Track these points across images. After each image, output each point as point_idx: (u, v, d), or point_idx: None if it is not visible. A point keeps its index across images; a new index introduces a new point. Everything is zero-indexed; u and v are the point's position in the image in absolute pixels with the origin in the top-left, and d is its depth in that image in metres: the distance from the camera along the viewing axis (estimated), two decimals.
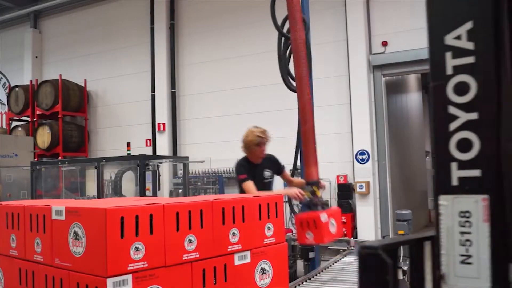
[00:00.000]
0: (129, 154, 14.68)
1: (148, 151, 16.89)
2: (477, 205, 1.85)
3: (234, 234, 3.55)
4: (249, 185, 6.91)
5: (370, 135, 13.53)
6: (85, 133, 18.89)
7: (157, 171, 13.74)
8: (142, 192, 11.41)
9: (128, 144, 15.01)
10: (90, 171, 14.13)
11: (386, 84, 14.33)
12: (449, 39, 1.92)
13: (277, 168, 7.50)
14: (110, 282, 2.86)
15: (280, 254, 3.91)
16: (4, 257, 3.80)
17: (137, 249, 2.91)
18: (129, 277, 2.94)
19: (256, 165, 7.25)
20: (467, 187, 1.87)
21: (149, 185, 12.61)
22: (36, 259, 3.43)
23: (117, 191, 13.20)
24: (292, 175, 7.89)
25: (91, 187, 13.56)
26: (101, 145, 18.94)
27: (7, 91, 20.49)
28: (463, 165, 1.88)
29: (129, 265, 2.94)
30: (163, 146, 16.99)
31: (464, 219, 1.89)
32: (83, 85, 18.77)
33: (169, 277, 3.11)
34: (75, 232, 3.07)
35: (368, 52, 13.78)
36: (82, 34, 19.24)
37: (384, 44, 13.74)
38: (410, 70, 14.27)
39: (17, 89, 18.98)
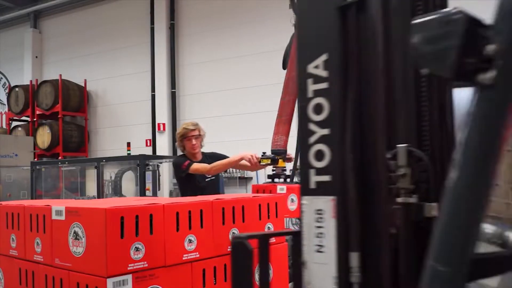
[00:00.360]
0: (129, 154, 14.68)
1: (148, 151, 16.87)
2: (327, 204, 2.26)
3: (234, 234, 3.55)
4: (197, 165, 6.66)
5: None
6: (85, 133, 18.88)
7: (157, 171, 13.73)
8: (142, 192, 11.41)
9: (128, 144, 15.02)
10: (90, 171, 14.11)
11: None
12: (311, 68, 2.33)
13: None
14: (110, 282, 2.87)
15: (280, 254, 3.91)
16: (4, 257, 3.81)
17: (137, 249, 2.92)
18: (129, 277, 2.94)
19: (194, 162, 6.92)
20: (321, 189, 2.29)
21: (149, 185, 12.61)
22: (36, 259, 3.44)
23: (117, 191, 13.19)
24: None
25: (91, 187, 13.55)
26: (101, 145, 18.94)
27: (7, 91, 20.47)
28: (318, 171, 2.30)
29: (129, 265, 2.94)
30: (163, 146, 16.97)
31: (319, 216, 2.30)
32: (83, 85, 18.76)
33: (169, 277, 3.11)
34: (75, 232, 3.08)
35: None
36: (82, 34, 19.23)
37: None
38: None
39: (17, 89, 18.97)
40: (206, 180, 6.97)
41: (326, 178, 2.27)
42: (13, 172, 15.29)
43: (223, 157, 7.14)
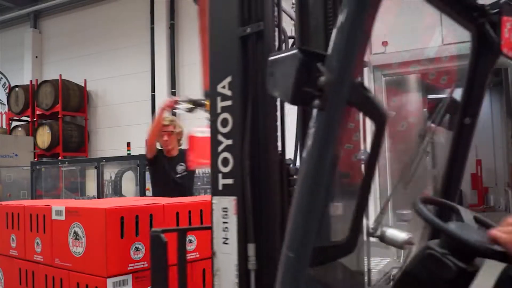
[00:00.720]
0: (129, 154, 14.66)
1: None
2: (231, 203, 2.73)
3: None
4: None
5: (369, 135, 13.50)
6: (85, 133, 18.83)
7: None
8: (142, 192, 11.42)
9: (128, 144, 14.99)
10: (90, 171, 14.13)
11: (386, 84, 14.31)
12: (219, 88, 2.79)
13: None
14: (110, 282, 2.91)
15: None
16: (4, 257, 3.82)
17: (137, 249, 2.92)
18: (129, 277, 2.95)
19: (168, 158, 7.12)
20: (226, 190, 2.76)
21: (149, 185, 12.60)
22: (36, 259, 3.46)
23: (117, 191, 13.20)
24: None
25: (91, 187, 13.56)
26: (101, 145, 18.88)
27: (7, 91, 20.41)
28: (224, 175, 2.77)
29: (129, 265, 2.95)
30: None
31: (224, 213, 2.76)
32: (83, 85, 18.71)
33: (169, 277, 3.05)
34: (75, 232, 3.09)
35: (367, 52, 13.73)
36: (82, 34, 19.18)
37: (384, 44, 13.71)
38: (410, 70, 14.24)
39: (17, 89, 18.91)
40: (177, 176, 7.05)
41: (230, 181, 2.75)
42: (13, 172, 15.29)
43: None
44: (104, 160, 13.95)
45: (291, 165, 2.99)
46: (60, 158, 17.22)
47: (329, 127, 1.94)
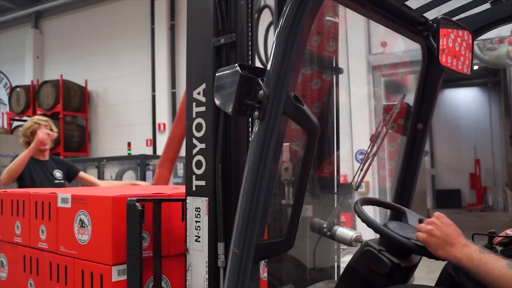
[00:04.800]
0: (129, 154, 14.74)
1: (149, 151, 16.88)
2: (203, 203, 2.85)
3: None
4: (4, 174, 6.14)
5: (369, 135, 13.53)
6: (86, 133, 18.88)
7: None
8: None
9: (129, 144, 15.07)
10: (91, 170, 14.17)
11: (386, 84, 14.36)
12: (195, 94, 2.88)
13: (67, 171, 6.62)
14: (115, 270, 2.95)
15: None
16: (8, 244, 3.87)
17: (142, 238, 2.97)
18: None
19: (41, 161, 6.41)
20: (198, 192, 2.87)
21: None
22: (40, 246, 3.50)
23: None
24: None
25: None
26: (102, 145, 18.93)
27: (8, 91, 20.52)
28: (197, 177, 2.88)
29: None
30: (164, 146, 16.91)
31: (197, 213, 2.87)
32: (84, 85, 18.77)
33: (173, 267, 3.16)
34: (81, 219, 3.14)
35: (367, 52, 13.80)
36: (83, 35, 19.22)
37: (384, 44, 13.77)
38: (410, 70, 14.29)
39: (18, 89, 18.96)
40: (56, 181, 6.41)
41: (202, 183, 2.86)
42: None
43: (73, 168, 6.74)
44: (104, 160, 14.03)
45: None
46: (61, 158, 17.23)
47: (267, 136, 2.20)
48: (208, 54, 2.85)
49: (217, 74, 2.30)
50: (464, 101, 25.34)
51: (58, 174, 6.44)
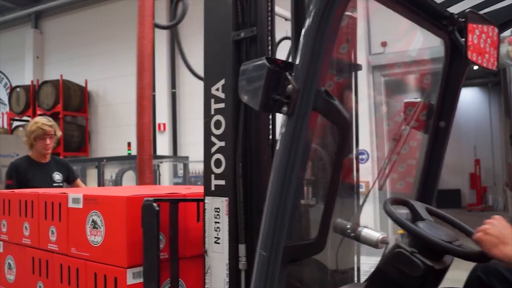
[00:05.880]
0: (129, 154, 14.67)
1: None
2: (222, 204, 2.77)
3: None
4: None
5: (369, 135, 13.48)
6: (86, 133, 18.86)
7: (157, 171, 13.75)
8: None
9: (129, 144, 14.99)
10: (91, 170, 14.16)
11: (386, 85, 14.29)
12: (213, 90, 2.82)
13: (67, 174, 6.49)
14: (130, 272, 2.86)
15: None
16: (16, 246, 3.78)
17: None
18: None
19: (41, 164, 6.27)
20: (218, 191, 2.80)
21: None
22: (50, 248, 3.41)
23: None
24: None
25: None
26: (102, 145, 18.88)
27: (8, 91, 20.48)
28: (216, 176, 2.81)
29: None
30: (164, 146, 16.92)
31: (216, 213, 2.79)
32: (84, 85, 18.74)
33: (188, 269, 3.06)
34: (93, 220, 3.05)
35: (367, 52, 13.73)
36: (83, 35, 19.17)
37: (384, 44, 13.71)
38: (410, 70, 14.22)
39: (18, 89, 18.93)
40: (55, 184, 6.24)
41: (222, 182, 2.79)
42: None
43: (73, 173, 6.64)
44: (104, 160, 13.95)
45: None
46: (61, 158, 17.18)
47: (296, 132, 2.09)
48: (227, 49, 2.78)
49: (242, 68, 2.18)
50: (464, 101, 25.26)
51: (57, 176, 6.32)
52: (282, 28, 3.73)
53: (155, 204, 2.79)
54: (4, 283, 3.86)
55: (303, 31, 2.11)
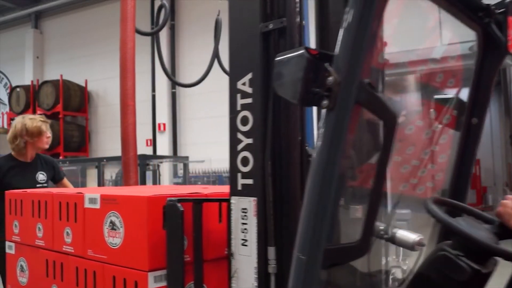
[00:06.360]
0: None
1: (149, 151, 16.80)
2: (250, 204, 2.63)
3: None
4: None
5: None
6: (86, 133, 18.88)
7: (157, 171, 13.73)
8: None
9: None
10: (91, 171, 14.09)
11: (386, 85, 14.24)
12: (239, 85, 2.68)
13: (53, 173, 6.07)
14: (151, 276, 2.75)
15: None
16: (28, 248, 3.69)
17: None
18: None
19: (24, 164, 5.85)
20: (245, 191, 2.67)
21: (149, 184, 12.57)
22: (65, 250, 3.31)
23: None
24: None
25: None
26: (102, 145, 18.88)
27: (8, 91, 20.50)
28: (243, 175, 2.68)
29: None
30: (164, 146, 16.92)
31: (243, 214, 2.66)
32: (84, 85, 18.76)
33: (211, 272, 2.92)
34: (111, 221, 2.95)
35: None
36: (83, 35, 19.17)
37: (384, 44, 13.64)
38: (410, 70, 14.17)
39: (18, 89, 18.94)
40: (38, 186, 5.82)
41: (249, 181, 2.66)
42: None
43: (59, 172, 6.22)
44: (104, 160, 13.91)
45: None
46: (61, 158, 17.16)
47: (338, 127, 1.93)
48: (255, 41, 2.65)
49: (277, 59, 2.02)
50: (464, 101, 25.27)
51: (41, 176, 5.90)
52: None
53: (179, 204, 2.70)
54: (17, 286, 3.77)
55: (344, 17, 1.95)
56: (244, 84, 2.68)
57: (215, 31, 7.06)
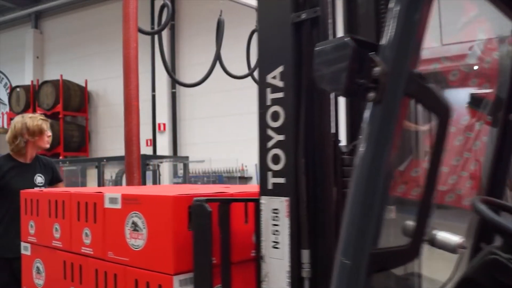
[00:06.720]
0: None
1: (149, 151, 16.79)
2: (282, 204, 2.50)
3: None
4: None
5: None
6: (86, 133, 18.91)
7: (157, 170, 13.70)
8: None
9: None
10: (91, 170, 14.08)
11: None
12: (269, 78, 2.57)
13: (51, 176, 5.82)
14: (176, 280, 2.63)
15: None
16: (45, 249, 3.60)
17: None
18: None
19: (23, 165, 5.63)
20: (277, 190, 2.54)
21: (149, 184, 12.54)
22: (84, 252, 3.22)
23: None
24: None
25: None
26: (102, 145, 18.90)
27: (8, 91, 20.54)
28: (274, 174, 2.55)
29: None
30: (164, 146, 16.93)
31: (275, 215, 2.53)
32: (84, 85, 18.80)
33: (236, 275, 2.76)
34: (133, 222, 2.84)
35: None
36: (83, 35, 19.17)
37: None
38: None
39: (18, 89, 18.98)
40: (35, 188, 5.41)
41: (281, 180, 2.53)
42: None
43: (58, 176, 5.99)
44: (104, 160, 13.89)
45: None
46: (61, 158, 17.16)
47: (386, 122, 1.78)
48: (286, 32, 2.53)
49: (317, 49, 1.84)
50: (464, 100, 25.27)
51: (39, 179, 5.68)
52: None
53: (207, 205, 2.58)
54: None
55: (390, 5, 1.82)
56: (274, 77, 2.56)
57: (217, 31, 7.02)
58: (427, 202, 1.99)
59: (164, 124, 16.94)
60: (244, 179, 15.50)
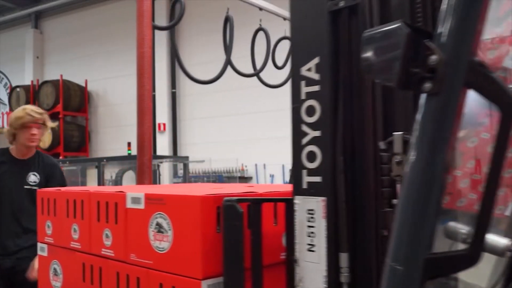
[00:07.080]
0: (129, 154, 14.55)
1: None
2: (318, 204, 2.36)
3: None
4: None
5: None
6: (86, 133, 18.87)
7: (157, 171, 13.65)
8: None
9: (129, 144, 14.89)
10: (91, 170, 14.06)
11: None
12: (304, 71, 2.41)
13: (51, 178, 5.27)
14: (205, 285, 2.50)
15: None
16: (63, 250, 3.49)
17: None
18: None
19: (17, 161, 5.20)
20: (312, 190, 2.40)
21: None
22: (104, 254, 3.11)
23: None
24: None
25: None
26: (102, 145, 18.87)
27: (8, 91, 20.52)
28: (310, 172, 2.40)
29: None
30: (164, 146, 16.90)
31: (310, 216, 2.39)
32: (84, 85, 18.76)
33: (267, 280, 2.64)
34: (158, 223, 2.72)
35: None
36: (83, 35, 19.15)
37: None
38: None
39: (18, 89, 18.97)
40: (26, 187, 5.15)
41: (317, 179, 2.39)
42: None
43: (60, 178, 5.42)
44: (104, 160, 13.85)
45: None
46: (61, 158, 17.09)
47: (444, 115, 1.62)
48: (322, 22, 2.37)
49: (366, 36, 1.70)
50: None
51: (33, 177, 5.19)
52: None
53: (238, 205, 2.46)
54: None
55: None
56: (309, 70, 2.41)
57: (227, 29, 6.93)
58: (487, 206, 1.82)
59: (164, 124, 16.91)
60: (244, 179, 15.46)
